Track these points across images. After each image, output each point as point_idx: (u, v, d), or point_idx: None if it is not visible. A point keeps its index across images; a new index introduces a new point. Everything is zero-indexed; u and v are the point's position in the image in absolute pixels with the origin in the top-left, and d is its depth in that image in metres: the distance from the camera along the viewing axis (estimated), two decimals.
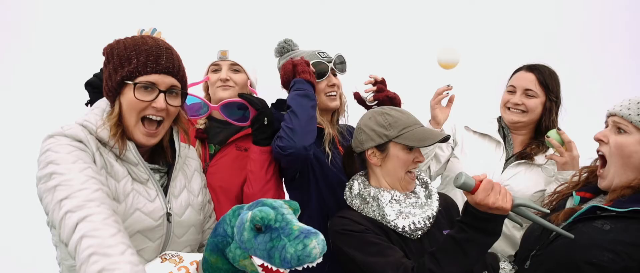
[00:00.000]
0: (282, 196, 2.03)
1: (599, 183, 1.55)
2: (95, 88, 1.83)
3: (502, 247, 2.09)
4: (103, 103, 1.43)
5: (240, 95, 1.84)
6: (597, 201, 1.53)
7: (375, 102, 2.09)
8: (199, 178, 1.63)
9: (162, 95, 1.36)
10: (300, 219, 2.02)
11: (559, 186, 1.74)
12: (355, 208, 1.64)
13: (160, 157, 1.50)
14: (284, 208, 1.21)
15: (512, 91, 2.16)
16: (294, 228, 1.15)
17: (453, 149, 2.28)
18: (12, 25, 3.69)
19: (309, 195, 1.93)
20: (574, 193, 1.63)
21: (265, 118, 1.82)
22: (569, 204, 1.61)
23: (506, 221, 1.48)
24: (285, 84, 1.92)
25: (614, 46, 3.87)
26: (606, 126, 1.58)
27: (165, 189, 1.46)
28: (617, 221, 1.39)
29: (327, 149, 1.97)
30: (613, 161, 1.49)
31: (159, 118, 1.39)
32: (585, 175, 1.67)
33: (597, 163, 1.60)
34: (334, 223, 1.64)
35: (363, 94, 2.14)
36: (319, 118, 1.97)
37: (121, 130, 1.36)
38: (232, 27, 3.45)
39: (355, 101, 2.19)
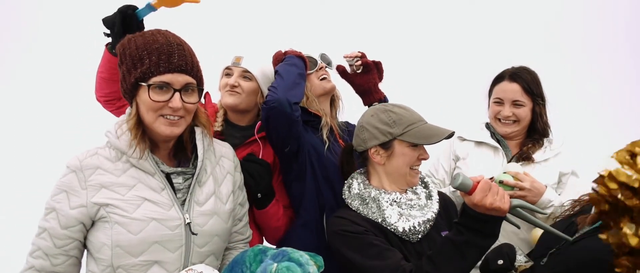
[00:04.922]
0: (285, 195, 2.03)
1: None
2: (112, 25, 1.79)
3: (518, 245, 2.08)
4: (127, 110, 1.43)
5: (242, 162, 1.76)
6: None
7: (361, 67, 2.12)
8: (231, 182, 1.58)
9: (177, 94, 1.33)
10: (297, 212, 2.03)
11: (584, 194, 1.74)
12: (353, 209, 1.62)
13: (183, 154, 1.47)
14: (310, 266, 1.22)
15: (499, 102, 2.19)
16: None
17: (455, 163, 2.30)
18: (12, 27, 3.70)
19: (306, 187, 1.93)
20: None
21: (258, 193, 1.81)
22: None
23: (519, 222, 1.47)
24: (276, 65, 1.96)
25: (614, 46, 3.86)
26: None
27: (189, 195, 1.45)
28: None
29: (325, 137, 1.98)
30: None
31: (177, 118, 1.36)
32: None
33: None
34: (332, 223, 1.62)
35: (347, 60, 2.16)
36: (316, 106, 2.00)
37: (141, 131, 1.35)
38: (253, 34, 3.43)
39: (339, 75, 2.20)
